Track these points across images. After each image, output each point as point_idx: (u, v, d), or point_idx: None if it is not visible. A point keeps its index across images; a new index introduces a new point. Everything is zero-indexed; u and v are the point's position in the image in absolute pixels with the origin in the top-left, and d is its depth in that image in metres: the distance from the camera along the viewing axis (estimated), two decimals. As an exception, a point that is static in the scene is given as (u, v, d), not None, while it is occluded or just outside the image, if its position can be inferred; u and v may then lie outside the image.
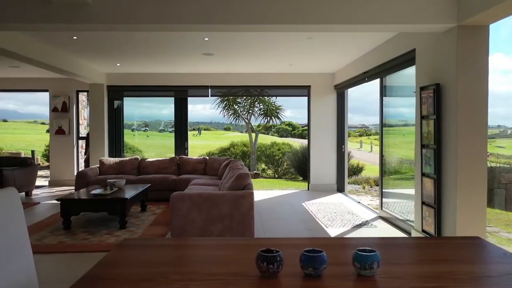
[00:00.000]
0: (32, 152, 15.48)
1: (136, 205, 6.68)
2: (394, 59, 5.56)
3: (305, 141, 21.63)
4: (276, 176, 14.87)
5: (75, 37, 5.65)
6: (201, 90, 9.05)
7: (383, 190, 6.32)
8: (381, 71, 6.09)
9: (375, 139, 37.51)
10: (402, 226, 5.53)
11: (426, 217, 4.53)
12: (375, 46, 6.26)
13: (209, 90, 9.04)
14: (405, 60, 5.23)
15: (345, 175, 8.91)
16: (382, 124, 6.30)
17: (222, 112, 15.53)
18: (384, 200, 6.30)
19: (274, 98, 15.52)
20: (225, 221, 4.62)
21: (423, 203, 4.61)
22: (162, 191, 7.50)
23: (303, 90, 9.10)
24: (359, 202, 7.65)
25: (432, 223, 4.39)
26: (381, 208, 6.30)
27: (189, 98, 9.25)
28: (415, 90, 4.89)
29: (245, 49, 6.48)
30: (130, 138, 21.89)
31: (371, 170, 15.43)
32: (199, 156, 9.75)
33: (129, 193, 5.78)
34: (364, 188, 11.66)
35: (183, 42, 5.99)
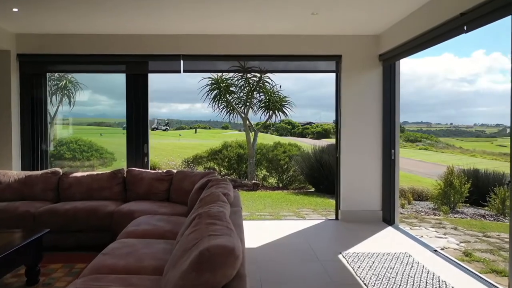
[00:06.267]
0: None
1: (22, 268, 3.45)
2: None
3: (314, 142, 18.41)
4: (281, 185, 11.63)
5: None
6: (168, 62, 5.72)
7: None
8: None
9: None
10: None
11: None
12: None
13: (181, 62, 5.70)
14: None
15: (396, 196, 5.64)
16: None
17: (211, 104, 12.17)
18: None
19: (277, 87, 12.18)
20: None
21: None
22: (88, 233, 4.23)
23: (329, 62, 5.78)
24: (435, 251, 4.37)
25: None
26: (518, 286, 3.02)
27: (153, 76, 5.99)
28: None
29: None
30: (116, 138, 18.63)
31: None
32: (161, 170, 6.42)
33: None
34: (403, 206, 8.40)
35: None
